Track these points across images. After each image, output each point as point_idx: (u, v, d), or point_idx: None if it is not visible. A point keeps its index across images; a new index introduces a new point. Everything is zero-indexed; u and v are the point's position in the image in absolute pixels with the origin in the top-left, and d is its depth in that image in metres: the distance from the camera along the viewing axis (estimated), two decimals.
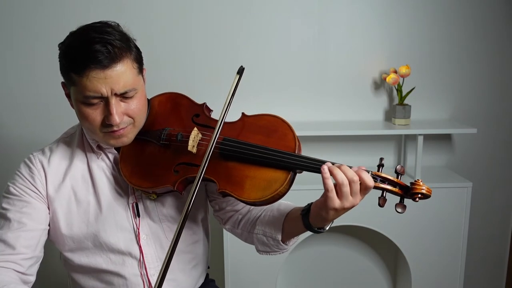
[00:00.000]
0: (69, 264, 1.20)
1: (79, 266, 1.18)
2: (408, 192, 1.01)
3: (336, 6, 2.13)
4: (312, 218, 1.05)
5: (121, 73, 1.02)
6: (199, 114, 1.17)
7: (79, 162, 1.18)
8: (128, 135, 1.11)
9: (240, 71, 1.12)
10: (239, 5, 2.10)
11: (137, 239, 1.17)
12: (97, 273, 1.18)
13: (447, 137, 2.30)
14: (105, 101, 1.04)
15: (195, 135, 1.11)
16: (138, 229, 1.17)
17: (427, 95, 2.23)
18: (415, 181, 1.00)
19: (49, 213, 1.14)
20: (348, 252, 2.36)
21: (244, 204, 1.23)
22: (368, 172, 0.99)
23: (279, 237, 1.15)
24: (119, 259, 1.16)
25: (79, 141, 1.19)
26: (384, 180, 1.01)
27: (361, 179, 0.97)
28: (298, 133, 1.14)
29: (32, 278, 1.11)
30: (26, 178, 1.13)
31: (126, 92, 1.05)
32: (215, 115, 1.18)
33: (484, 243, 2.40)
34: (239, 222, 1.25)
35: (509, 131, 2.32)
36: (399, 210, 0.99)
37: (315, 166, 1.01)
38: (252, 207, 1.24)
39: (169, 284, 1.22)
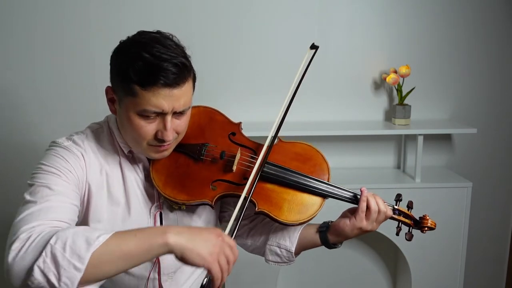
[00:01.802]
0: None
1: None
2: (417, 224, 1.21)
3: (336, 6, 2.13)
4: (331, 234, 1.19)
5: (184, 93, 1.04)
6: (235, 133, 1.22)
7: (112, 160, 1.14)
8: (170, 150, 1.13)
9: (315, 47, 1.21)
10: (239, 5, 2.10)
11: None
12: None
13: (447, 137, 2.30)
14: (162, 116, 1.05)
15: (238, 156, 1.16)
16: None
17: (427, 95, 2.23)
18: (423, 216, 1.22)
19: (81, 197, 1.08)
20: (348, 252, 2.36)
21: (254, 217, 1.32)
22: (390, 206, 1.20)
23: (293, 249, 1.23)
24: None
25: (109, 140, 1.15)
26: (401, 213, 1.20)
27: (387, 211, 1.16)
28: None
29: None
30: (68, 161, 1.05)
31: (183, 111, 1.07)
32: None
33: (484, 243, 2.40)
34: (249, 233, 1.31)
35: (509, 131, 2.32)
36: (408, 238, 1.20)
37: (348, 196, 1.18)
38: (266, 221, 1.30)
39: None
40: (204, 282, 0.93)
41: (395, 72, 2.10)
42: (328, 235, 1.19)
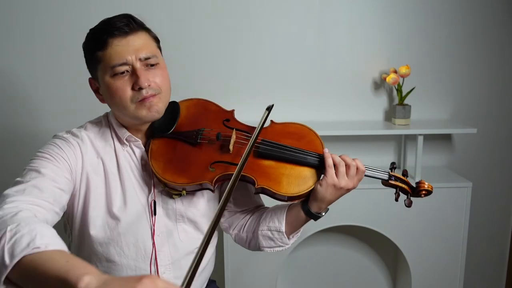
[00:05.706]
0: (81, 249, 1.18)
1: (91, 252, 1.17)
2: (415, 190, 1.24)
3: (336, 6, 2.13)
4: (311, 202, 1.19)
5: (142, 39, 1.12)
6: (229, 119, 1.26)
7: (109, 149, 1.19)
8: (158, 104, 1.14)
9: (270, 108, 1.27)
10: (239, 5, 2.10)
11: (152, 236, 1.18)
12: (107, 263, 1.17)
13: (447, 137, 2.30)
14: (132, 68, 1.10)
15: (234, 136, 1.20)
16: (154, 226, 1.18)
17: (427, 95, 2.23)
18: (419, 181, 1.24)
19: (75, 189, 1.12)
20: (348, 252, 2.36)
21: (249, 208, 1.34)
22: (386, 172, 1.25)
23: (283, 228, 1.24)
24: (132, 254, 1.17)
25: (107, 131, 1.21)
26: (397, 179, 1.24)
27: (357, 164, 1.18)
28: None
29: None
30: (62, 149, 1.11)
31: (149, 58, 1.11)
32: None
33: (484, 243, 2.40)
34: (244, 226, 1.32)
35: (509, 131, 2.32)
36: (407, 204, 1.23)
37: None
38: (258, 208, 1.35)
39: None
40: None
41: (395, 72, 2.10)
42: (309, 204, 1.20)
